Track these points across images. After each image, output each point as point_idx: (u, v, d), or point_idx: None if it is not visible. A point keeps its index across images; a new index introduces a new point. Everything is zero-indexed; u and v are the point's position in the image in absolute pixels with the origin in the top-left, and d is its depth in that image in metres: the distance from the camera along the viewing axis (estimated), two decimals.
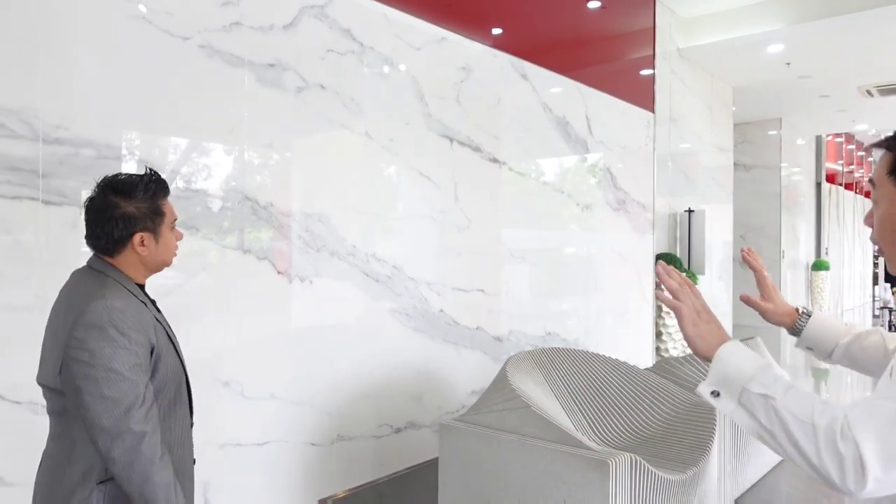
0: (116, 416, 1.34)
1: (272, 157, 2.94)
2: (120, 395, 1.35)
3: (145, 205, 1.52)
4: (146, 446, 1.35)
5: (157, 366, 1.46)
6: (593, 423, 2.93)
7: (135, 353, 1.39)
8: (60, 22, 2.25)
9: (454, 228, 3.91)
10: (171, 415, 1.53)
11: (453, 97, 3.86)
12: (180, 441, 1.54)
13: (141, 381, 1.39)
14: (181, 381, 1.57)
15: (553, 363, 3.13)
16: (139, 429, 1.35)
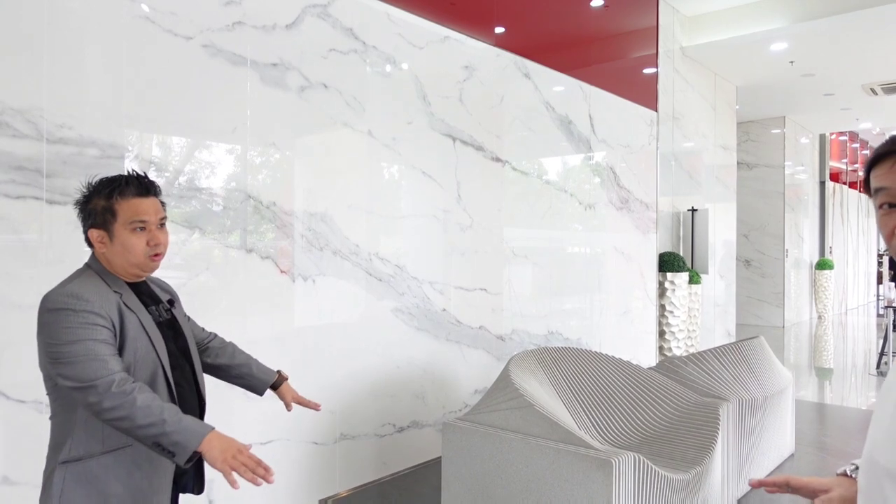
0: (82, 369, 1.39)
1: (275, 156, 2.95)
2: (82, 351, 1.41)
3: (102, 203, 1.54)
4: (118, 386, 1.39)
5: (122, 351, 1.49)
6: (597, 422, 2.92)
7: (93, 327, 1.43)
8: (65, 22, 2.25)
9: (457, 227, 3.91)
10: None
11: (456, 96, 3.86)
12: None
13: (103, 347, 1.43)
14: (156, 370, 1.56)
15: (556, 362, 3.12)
16: (108, 377, 1.40)
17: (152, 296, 1.69)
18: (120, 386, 1.39)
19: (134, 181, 1.57)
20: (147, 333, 1.55)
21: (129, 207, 1.54)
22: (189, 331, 1.78)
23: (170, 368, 1.59)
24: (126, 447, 1.51)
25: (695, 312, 6.54)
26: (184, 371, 1.68)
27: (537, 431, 2.44)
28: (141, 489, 1.54)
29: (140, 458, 1.53)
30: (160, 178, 2.52)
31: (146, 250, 1.57)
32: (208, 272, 2.70)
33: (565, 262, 5.01)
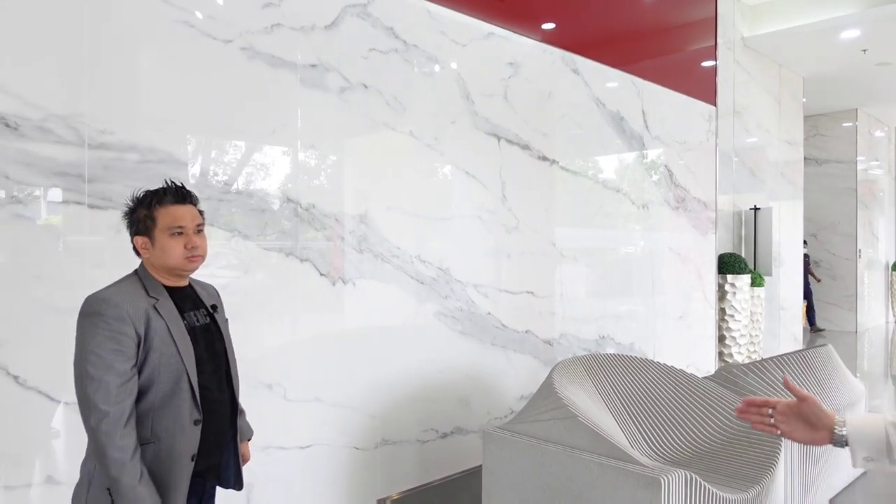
0: (90, 392, 1.50)
1: (314, 158, 2.92)
2: (96, 374, 1.49)
3: (144, 211, 1.67)
4: (105, 424, 1.48)
5: (147, 356, 1.57)
6: (647, 435, 2.77)
7: (115, 339, 1.52)
8: (105, 29, 2.28)
9: (502, 229, 3.80)
10: (165, 406, 1.60)
11: (500, 94, 3.76)
12: (171, 433, 1.60)
13: (118, 363, 1.51)
14: (180, 376, 1.61)
15: (604, 370, 2.98)
16: (103, 408, 1.49)
17: (195, 300, 1.76)
18: (110, 425, 1.48)
19: (171, 190, 1.69)
20: (174, 341, 1.60)
21: (167, 214, 1.65)
22: (229, 335, 1.82)
23: (196, 374, 1.61)
24: (147, 444, 1.59)
25: (757, 317, 6.21)
26: (215, 375, 1.73)
27: (581, 444, 2.32)
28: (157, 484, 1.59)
29: (159, 456, 1.60)
30: (199, 180, 2.53)
31: (184, 253, 1.67)
32: (247, 276, 2.70)
33: (618, 263, 4.83)
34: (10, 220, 2.10)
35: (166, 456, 1.59)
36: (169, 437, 1.59)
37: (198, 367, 1.65)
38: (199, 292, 1.79)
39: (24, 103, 2.10)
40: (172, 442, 1.59)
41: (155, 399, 1.58)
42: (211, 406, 1.69)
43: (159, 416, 1.59)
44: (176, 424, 1.59)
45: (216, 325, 1.77)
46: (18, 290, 2.11)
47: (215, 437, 1.71)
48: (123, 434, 1.48)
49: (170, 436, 1.59)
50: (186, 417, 1.60)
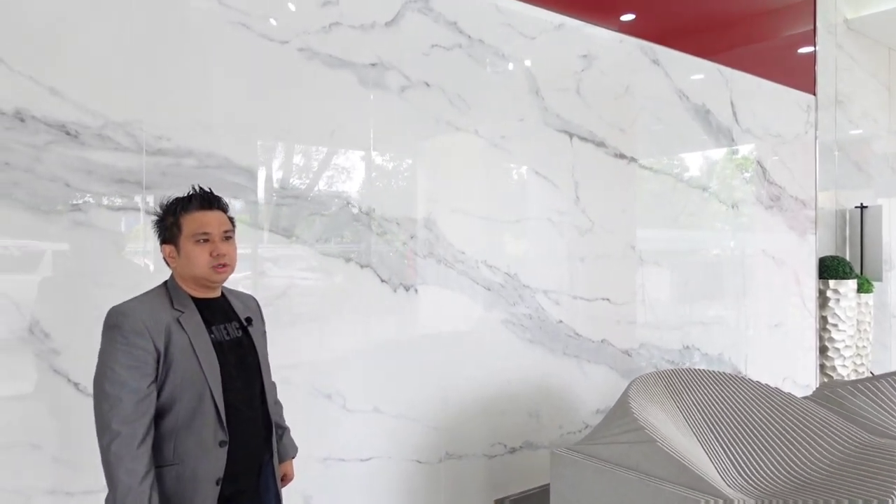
0: (104, 409, 1.44)
1: (374, 160, 2.82)
2: (112, 391, 1.43)
3: (170, 219, 1.59)
4: (116, 445, 1.41)
5: (168, 372, 1.48)
6: (739, 463, 2.48)
7: (132, 354, 1.45)
8: (160, 35, 2.26)
9: (575, 231, 3.58)
10: (188, 426, 1.51)
11: (573, 88, 3.54)
12: (195, 455, 1.51)
13: (132, 381, 1.44)
14: (203, 394, 1.51)
15: (688, 387, 2.71)
16: (115, 427, 1.41)
17: (226, 312, 1.64)
18: (122, 446, 1.41)
19: (197, 196, 1.60)
20: (196, 356, 1.48)
21: (192, 220, 1.56)
22: (264, 350, 1.70)
23: (221, 392, 1.50)
24: (170, 466, 1.51)
25: (865, 326, 5.62)
26: (246, 393, 1.62)
27: (661, 472, 2.08)
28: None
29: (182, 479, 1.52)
30: (256, 185, 2.48)
31: (209, 261, 1.56)
32: (305, 282, 2.63)
33: (704, 267, 4.47)
34: (71, 227, 2.11)
35: (189, 479, 1.49)
36: (192, 459, 1.50)
37: (226, 384, 1.54)
38: (234, 304, 1.68)
39: (84, 111, 2.11)
40: (196, 465, 1.50)
41: (178, 418, 1.49)
42: (240, 426, 1.57)
43: (182, 436, 1.49)
44: (199, 446, 1.50)
45: (249, 338, 1.66)
46: (79, 298, 2.12)
47: (245, 460, 1.61)
48: (135, 456, 1.40)
49: (193, 458, 1.50)
50: (210, 439, 1.51)
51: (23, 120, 2.01)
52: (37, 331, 2.05)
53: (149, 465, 1.42)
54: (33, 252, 2.07)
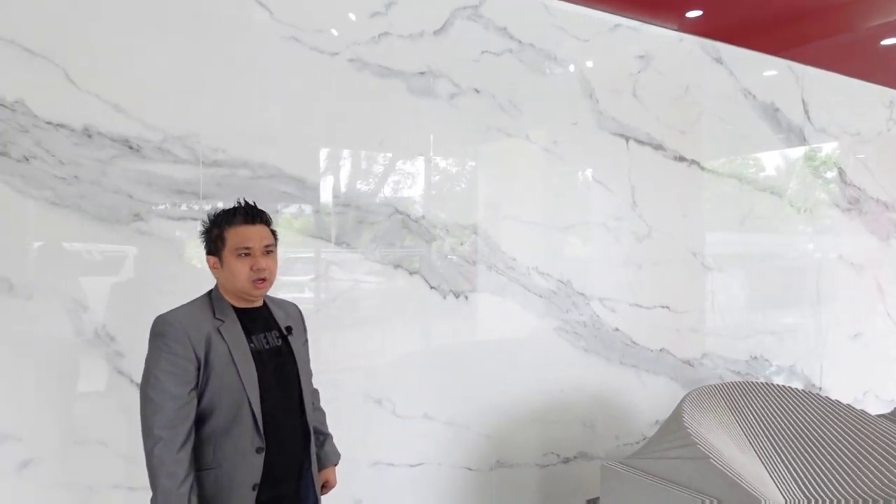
0: (148, 414, 1.50)
1: (423, 167, 2.84)
2: (155, 395, 1.49)
3: (216, 231, 1.64)
4: (158, 449, 1.46)
5: (208, 380, 1.53)
6: (802, 482, 2.34)
7: (174, 362, 1.50)
8: (216, 51, 2.36)
9: (632, 237, 3.48)
10: (227, 432, 1.55)
11: (628, 90, 3.45)
12: (232, 460, 1.55)
13: (173, 388, 1.49)
14: (241, 403, 1.55)
15: (749, 401, 2.58)
16: (157, 433, 1.47)
17: (267, 322, 1.68)
18: (164, 449, 1.47)
19: (241, 210, 1.64)
20: (235, 365, 1.53)
21: (235, 234, 1.61)
22: (304, 358, 1.74)
23: (258, 401, 1.54)
24: (209, 470, 1.56)
25: None
26: (284, 401, 1.65)
27: (713, 490, 1.99)
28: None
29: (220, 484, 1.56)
30: (306, 193, 2.54)
31: (250, 275, 1.61)
32: (356, 288, 2.67)
33: (774, 273, 4.25)
34: (134, 236, 2.23)
35: (227, 484, 1.54)
36: (230, 464, 1.54)
37: (264, 392, 1.58)
38: (275, 313, 1.72)
39: (145, 126, 2.22)
40: (233, 470, 1.54)
41: (217, 425, 1.54)
42: (278, 433, 1.61)
43: (221, 442, 1.54)
44: (237, 452, 1.54)
45: (289, 347, 1.70)
46: (141, 303, 2.23)
47: (283, 466, 1.64)
48: (175, 460, 1.45)
49: (231, 463, 1.54)
50: (248, 445, 1.55)
51: (90, 136, 2.13)
52: (102, 334, 2.17)
53: (188, 469, 1.47)
54: (99, 260, 2.20)
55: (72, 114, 2.10)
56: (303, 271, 2.61)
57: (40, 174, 2.06)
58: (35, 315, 2.08)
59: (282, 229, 2.48)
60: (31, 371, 2.07)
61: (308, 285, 2.60)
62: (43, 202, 2.07)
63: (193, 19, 2.31)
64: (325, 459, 1.86)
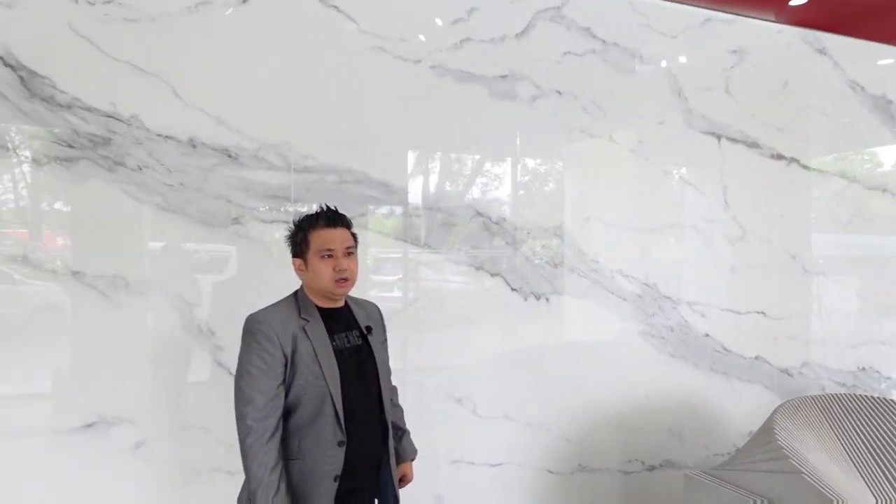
0: (240, 406, 1.61)
1: (505, 170, 2.87)
2: (247, 389, 1.60)
3: (299, 235, 1.74)
4: (251, 438, 1.57)
5: (294, 376, 1.63)
6: None
7: (263, 358, 1.60)
8: (306, 63, 2.49)
9: (723, 239, 3.35)
10: (310, 426, 1.65)
11: (721, 87, 3.31)
12: (315, 452, 1.64)
13: (263, 382, 1.59)
14: (324, 397, 1.64)
15: (850, 414, 2.43)
16: (249, 422, 1.58)
17: (348, 321, 1.77)
18: (255, 440, 1.58)
19: (324, 214, 1.74)
20: (319, 362, 1.62)
21: (318, 237, 1.71)
22: (383, 356, 1.81)
23: (340, 397, 1.62)
24: (295, 460, 1.65)
25: None
26: (364, 398, 1.73)
27: None
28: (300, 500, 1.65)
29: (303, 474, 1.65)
30: (390, 197, 2.63)
31: (332, 275, 1.70)
32: (437, 289, 2.73)
33: (885, 278, 3.94)
34: (232, 238, 2.40)
35: (310, 474, 1.63)
36: (313, 456, 1.63)
37: (345, 388, 1.66)
38: (356, 313, 1.81)
39: (243, 136, 2.39)
40: (316, 461, 1.63)
41: (302, 418, 1.63)
42: (358, 428, 1.69)
43: (305, 435, 1.63)
44: (320, 445, 1.63)
45: (369, 346, 1.77)
46: (238, 301, 2.39)
47: (363, 460, 1.72)
48: (266, 450, 1.55)
49: (314, 455, 1.63)
50: (330, 438, 1.63)
51: (194, 146, 2.32)
52: (205, 328, 2.35)
53: (277, 459, 1.58)
54: (205, 259, 2.39)
55: (179, 126, 2.29)
56: (391, 271, 2.71)
57: (151, 182, 2.26)
58: (147, 310, 2.28)
59: (371, 232, 2.60)
60: (145, 361, 2.28)
61: (397, 285, 2.69)
62: (154, 207, 2.28)
63: (286, 36, 2.45)
64: (402, 454, 1.93)
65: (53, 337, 2.20)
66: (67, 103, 2.16)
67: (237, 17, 2.38)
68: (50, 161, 2.15)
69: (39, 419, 2.16)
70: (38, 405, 2.17)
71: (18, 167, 2.15)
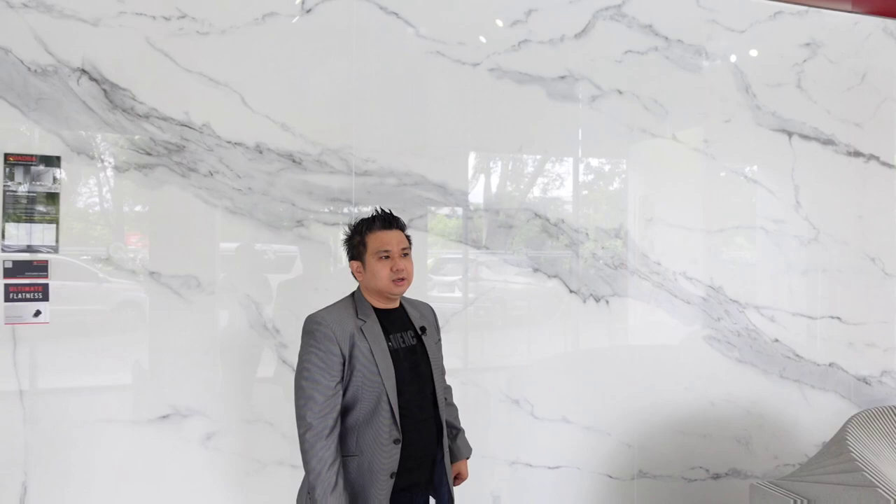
0: (301, 403, 1.66)
1: (562, 171, 2.85)
2: (307, 387, 1.65)
3: (357, 237, 1.78)
4: (310, 435, 1.62)
5: (351, 375, 1.68)
6: None
7: (322, 357, 1.66)
8: (366, 69, 2.55)
9: (795, 241, 3.21)
10: (367, 424, 1.70)
11: (792, 82, 3.18)
12: (372, 449, 1.69)
13: (324, 380, 1.65)
14: (381, 396, 1.68)
15: None
16: (309, 420, 1.63)
17: (403, 322, 1.81)
18: (315, 437, 1.63)
19: (380, 217, 1.79)
20: (375, 362, 1.66)
21: (375, 239, 1.75)
22: (437, 356, 1.85)
23: (395, 395, 1.66)
24: (352, 456, 1.71)
25: None
26: (418, 396, 1.77)
27: None
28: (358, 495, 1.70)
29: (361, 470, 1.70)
30: (448, 199, 2.66)
31: (390, 275, 1.74)
32: (494, 290, 2.75)
33: None
34: (296, 240, 2.49)
35: (367, 470, 1.67)
36: (370, 452, 1.68)
37: (400, 388, 1.70)
38: (411, 313, 1.85)
39: (307, 142, 2.47)
40: (373, 458, 1.67)
41: (359, 416, 1.68)
42: (413, 426, 1.73)
43: (362, 432, 1.68)
44: (376, 442, 1.67)
45: (423, 346, 1.81)
46: (301, 300, 2.48)
47: (418, 457, 1.76)
48: (324, 446, 1.60)
49: (370, 452, 1.68)
50: (386, 436, 1.68)
51: (261, 152, 2.42)
52: (270, 326, 2.45)
53: (336, 454, 1.63)
54: (268, 261, 2.49)
55: (247, 133, 2.40)
56: (452, 272, 2.74)
57: (221, 186, 2.38)
58: (217, 308, 2.40)
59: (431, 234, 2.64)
60: (215, 357, 2.40)
61: (457, 285, 2.73)
62: (224, 210, 2.39)
63: (347, 42, 2.52)
64: (457, 452, 1.96)
65: (133, 332, 2.35)
66: (146, 113, 2.30)
67: (301, 25, 2.47)
68: (130, 167, 2.30)
69: (120, 410, 2.30)
70: (119, 396, 2.32)
71: (103, 172, 2.30)
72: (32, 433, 2.19)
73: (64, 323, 2.23)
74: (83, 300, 2.29)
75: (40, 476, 2.19)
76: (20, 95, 2.17)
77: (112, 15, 2.25)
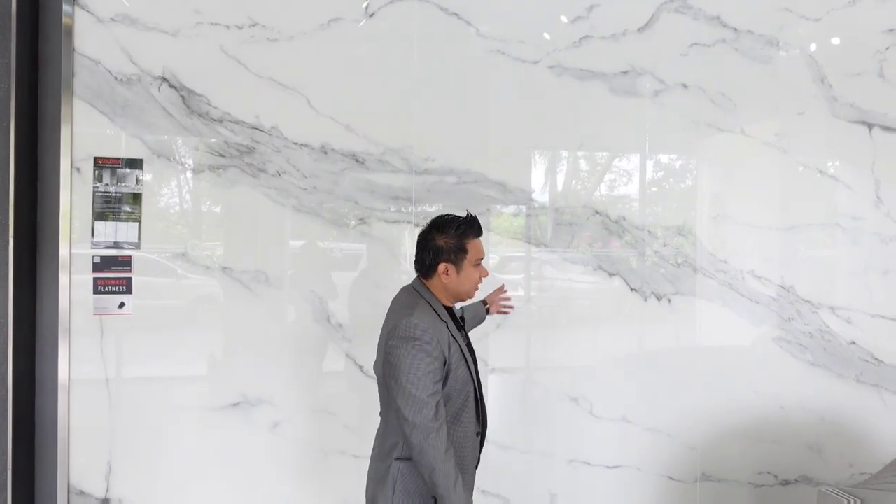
0: (415, 410, 1.61)
1: (624, 167, 2.81)
2: (418, 393, 1.61)
3: (453, 241, 1.76)
4: (432, 439, 1.59)
5: (448, 377, 1.68)
6: None
7: (430, 361, 1.64)
8: (427, 70, 2.60)
9: (875, 239, 3.05)
10: (457, 420, 1.72)
11: (873, 71, 3.01)
12: (462, 444, 1.72)
13: (432, 385, 1.63)
14: (469, 392, 1.72)
15: None
16: (430, 425, 1.60)
17: (455, 319, 1.86)
18: (436, 439, 1.61)
19: (475, 223, 1.79)
20: (465, 359, 1.72)
21: (474, 247, 1.78)
22: None
23: (479, 388, 1.74)
24: None
25: None
26: (481, 389, 1.83)
27: None
28: None
29: None
30: (507, 197, 2.68)
31: (478, 282, 1.81)
32: (553, 288, 2.75)
33: None
34: (359, 237, 2.57)
35: (459, 464, 1.71)
36: (460, 447, 1.72)
37: (476, 382, 1.77)
38: (455, 310, 1.90)
39: (369, 142, 2.55)
40: (464, 452, 1.73)
41: (450, 414, 1.71)
42: (485, 419, 1.81)
43: (453, 429, 1.72)
44: (465, 437, 1.73)
45: (468, 337, 1.88)
46: (363, 296, 2.57)
47: (482, 448, 1.82)
48: (447, 446, 1.61)
49: (461, 447, 1.72)
50: (472, 430, 1.74)
51: (326, 152, 2.51)
52: (333, 322, 2.54)
53: (452, 452, 1.65)
54: (335, 258, 2.58)
55: (312, 135, 2.49)
56: (514, 270, 2.76)
57: (288, 186, 2.48)
58: (285, 303, 2.51)
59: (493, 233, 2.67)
60: (282, 349, 2.51)
61: (519, 283, 2.75)
62: (290, 209, 2.50)
63: (409, 44, 2.58)
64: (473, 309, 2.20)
65: (207, 325, 2.49)
66: (220, 118, 2.42)
67: (365, 29, 2.54)
68: (205, 169, 2.43)
69: (195, 397, 2.45)
70: (194, 385, 2.46)
71: (183, 174, 2.45)
72: (117, 418, 2.36)
73: (145, 316, 2.40)
74: (163, 294, 2.45)
75: (123, 457, 2.37)
76: (108, 103, 2.34)
77: (189, 25, 2.39)
